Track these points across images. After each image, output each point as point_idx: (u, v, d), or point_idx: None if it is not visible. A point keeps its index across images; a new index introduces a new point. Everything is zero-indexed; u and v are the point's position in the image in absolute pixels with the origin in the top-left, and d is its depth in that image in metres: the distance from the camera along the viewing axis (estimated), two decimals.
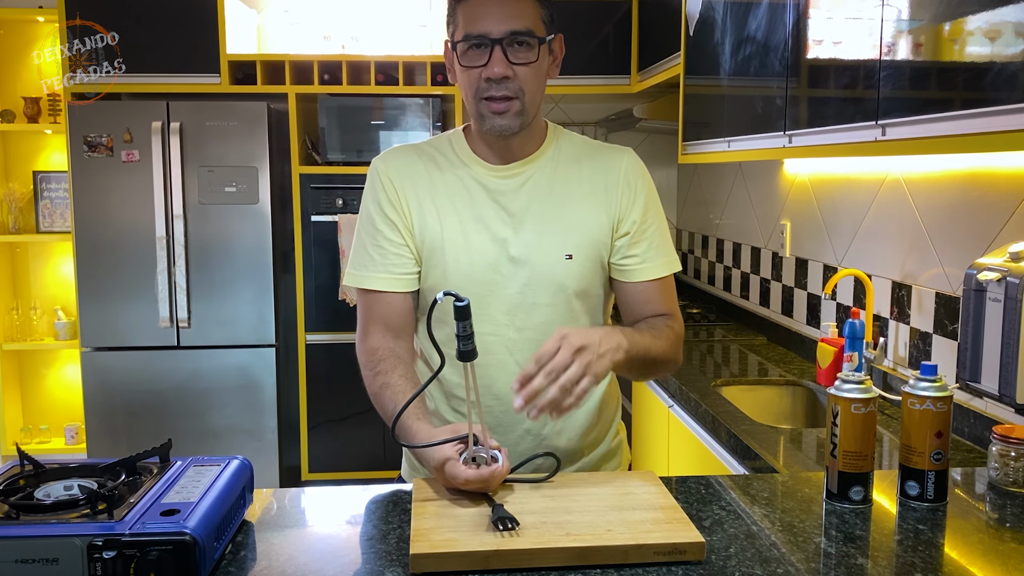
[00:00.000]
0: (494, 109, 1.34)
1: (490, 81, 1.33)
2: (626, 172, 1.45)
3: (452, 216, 1.41)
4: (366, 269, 1.43)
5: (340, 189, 3.80)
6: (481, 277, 1.40)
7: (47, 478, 1.08)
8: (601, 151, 1.48)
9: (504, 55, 1.32)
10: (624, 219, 1.44)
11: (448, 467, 1.18)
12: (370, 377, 1.41)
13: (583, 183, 1.44)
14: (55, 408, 4.26)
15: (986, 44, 1.36)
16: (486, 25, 1.31)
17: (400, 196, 1.42)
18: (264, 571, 1.02)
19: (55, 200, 4.13)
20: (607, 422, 1.53)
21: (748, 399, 2.38)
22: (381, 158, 1.47)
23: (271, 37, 4.13)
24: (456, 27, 1.35)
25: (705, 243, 3.82)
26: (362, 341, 1.45)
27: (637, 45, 3.80)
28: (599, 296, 1.48)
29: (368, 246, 1.44)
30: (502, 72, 1.32)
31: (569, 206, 1.42)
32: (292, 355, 3.98)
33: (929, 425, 1.22)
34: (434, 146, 1.48)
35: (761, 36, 2.27)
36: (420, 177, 1.43)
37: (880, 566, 1.05)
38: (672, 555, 1.03)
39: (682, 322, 1.49)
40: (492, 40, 1.31)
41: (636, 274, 1.45)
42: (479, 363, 1.38)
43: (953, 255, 1.93)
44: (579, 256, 1.41)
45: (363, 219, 1.46)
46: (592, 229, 1.42)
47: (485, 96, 1.34)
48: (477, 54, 1.33)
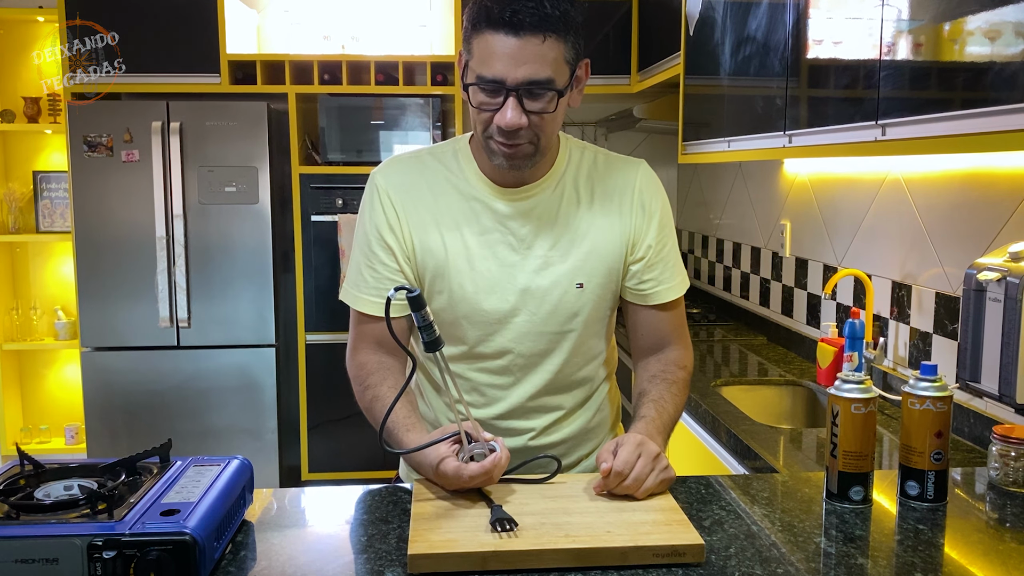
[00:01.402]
0: (504, 152, 1.27)
1: (500, 129, 1.24)
2: (640, 191, 1.39)
3: (457, 241, 1.35)
4: (359, 290, 1.38)
5: (340, 189, 3.80)
6: (487, 305, 1.35)
7: (47, 478, 1.08)
8: (614, 168, 1.41)
9: (520, 102, 1.22)
10: (639, 243, 1.39)
11: (447, 467, 1.16)
12: (360, 391, 1.39)
13: (595, 205, 1.38)
14: (55, 408, 4.26)
15: (986, 44, 1.36)
16: (501, 69, 1.20)
17: (401, 218, 1.35)
18: (264, 571, 1.02)
19: (55, 200, 4.13)
20: (607, 423, 1.53)
21: (748, 399, 2.37)
22: (382, 173, 1.39)
23: (271, 37, 4.13)
24: (470, 57, 1.25)
25: (705, 243, 3.82)
26: (352, 356, 1.42)
27: (637, 45, 3.80)
28: (607, 319, 1.44)
29: (363, 267, 1.38)
30: (516, 123, 1.22)
31: (580, 231, 1.36)
32: (292, 355, 3.98)
33: (929, 425, 1.22)
34: (438, 158, 1.39)
35: (761, 36, 2.27)
36: (423, 197, 1.36)
37: (880, 566, 1.05)
38: (671, 557, 1.03)
39: (691, 350, 1.47)
40: (507, 88, 1.21)
41: (653, 298, 1.41)
42: (486, 383, 1.39)
43: (953, 255, 1.93)
44: (590, 284, 1.37)
45: (359, 237, 1.39)
46: (605, 256, 1.37)
47: (496, 139, 1.26)
48: (488, 96, 1.24)
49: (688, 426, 2.28)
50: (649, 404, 1.35)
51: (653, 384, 1.39)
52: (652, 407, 1.34)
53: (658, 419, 1.32)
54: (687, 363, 1.45)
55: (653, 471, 1.18)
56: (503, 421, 1.41)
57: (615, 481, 1.17)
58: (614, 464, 1.17)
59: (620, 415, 1.59)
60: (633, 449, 1.18)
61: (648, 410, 1.34)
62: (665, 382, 1.39)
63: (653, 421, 1.31)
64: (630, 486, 1.17)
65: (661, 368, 1.42)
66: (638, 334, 1.45)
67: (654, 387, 1.39)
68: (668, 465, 1.21)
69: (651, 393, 1.37)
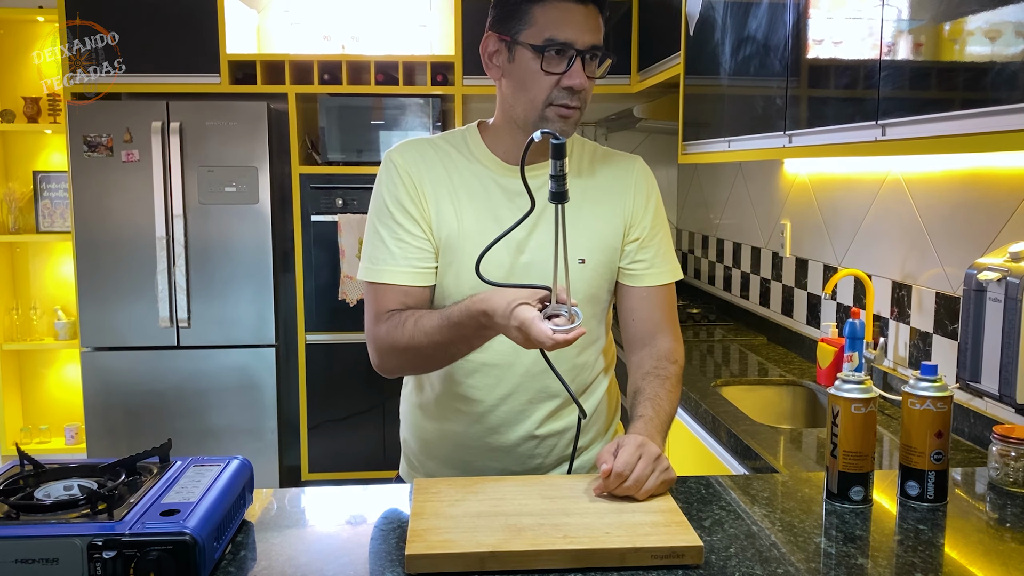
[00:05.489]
0: (563, 114, 1.33)
1: (567, 90, 1.31)
2: (638, 178, 1.47)
3: (471, 214, 1.39)
4: (385, 263, 1.38)
5: (340, 189, 3.80)
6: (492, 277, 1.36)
7: (47, 478, 1.08)
8: (613, 157, 1.49)
9: (582, 67, 1.31)
10: (636, 224, 1.45)
11: (527, 315, 1.16)
12: (397, 331, 1.34)
13: (598, 188, 1.44)
14: (55, 408, 4.26)
15: (986, 44, 1.36)
16: (573, 34, 1.29)
17: (419, 190, 1.39)
18: (264, 571, 1.02)
19: (55, 200, 4.13)
20: (607, 422, 1.53)
21: (748, 399, 2.37)
22: (397, 151, 1.43)
23: (271, 37, 4.13)
24: (525, 26, 1.31)
25: (705, 243, 3.82)
26: (376, 326, 1.38)
27: (637, 45, 3.80)
28: (606, 301, 1.48)
29: (387, 239, 1.38)
30: (583, 84, 1.31)
31: (584, 210, 1.41)
32: (292, 355, 3.98)
33: (929, 425, 1.22)
34: (448, 141, 1.44)
35: (761, 36, 2.26)
36: (437, 172, 1.40)
37: (880, 566, 1.05)
38: (670, 559, 1.03)
39: (682, 343, 1.50)
40: (577, 50, 1.29)
41: (643, 279, 1.45)
42: (486, 361, 1.39)
43: (953, 255, 1.92)
44: (592, 261, 1.41)
45: (379, 212, 1.40)
46: (605, 234, 1.43)
47: (558, 103, 1.32)
48: (556, 60, 1.30)
49: (688, 426, 2.28)
50: (646, 403, 1.36)
51: (647, 382, 1.41)
52: (649, 406, 1.35)
53: (656, 418, 1.33)
54: (678, 356, 1.47)
55: (654, 472, 1.19)
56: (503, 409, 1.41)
57: (615, 482, 1.17)
58: (615, 465, 1.17)
59: (619, 412, 1.59)
60: (634, 451, 1.19)
61: (646, 409, 1.35)
62: (659, 379, 1.41)
63: (651, 420, 1.32)
64: (631, 487, 1.17)
65: (654, 364, 1.43)
66: (630, 319, 1.47)
67: (649, 384, 1.40)
68: (669, 467, 1.22)
69: (647, 391, 1.39)
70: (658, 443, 1.28)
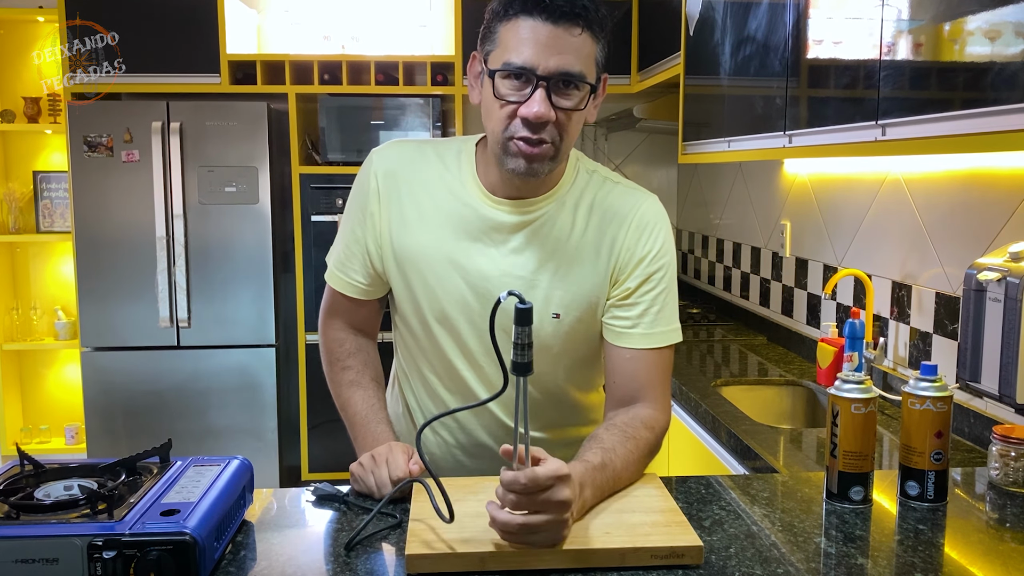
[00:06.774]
0: (524, 151, 1.16)
1: (526, 122, 1.15)
2: (638, 226, 1.29)
3: (434, 242, 1.27)
4: (333, 266, 1.38)
5: (340, 189, 3.80)
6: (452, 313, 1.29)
7: (47, 478, 1.08)
8: (618, 198, 1.31)
9: (548, 95, 1.14)
10: (621, 277, 1.28)
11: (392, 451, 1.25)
12: (336, 368, 1.42)
13: (588, 233, 1.28)
14: (55, 408, 4.26)
15: (986, 44, 1.36)
16: (534, 57, 1.12)
17: (383, 204, 1.31)
18: (264, 571, 1.02)
19: (55, 200, 4.13)
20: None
21: (748, 399, 2.37)
22: (380, 154, 1.35)
23: (271, 37, 4.13)
24: (494, 47, 1.17)
25: (705, 243, 3.82)
26: (326, 326, 1.43)
27: (637, 45, 3.80)
28: (588, 359, 1.35)
29: (341, 243, 1.38)
30: (543, 114, 1.13)
31: (567, 259, 1.27)
32: (292, 355, 3.98)
33: (929, 425, 1.22)
34: (440, 155, 1.32)
35: (761, 36, 2.27)
36: (413, 190, 1.30)
37: (880, 566, 1.05)
38: (669, 559, 1.03)
39: (668, 413, 1.31)
40: (537, 76, 1.13)
41: (624, 339, 1.28)
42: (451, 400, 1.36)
43: (953, 255, 1.92)
44: (568, 316, 1.28)
45: (347, 211, 1.38)
46: (588, 288, 1.28)
47: (517, 136, 1.16)
48: (515, 86, 1.15)
49: (688, 426, 2.28)
50: (597, 450, 1.16)
51: (609, 432, 1.21)
52: (599, 454, 1.15)
53: (599, 472, 1.12)
54: (656, 425, 1.26)
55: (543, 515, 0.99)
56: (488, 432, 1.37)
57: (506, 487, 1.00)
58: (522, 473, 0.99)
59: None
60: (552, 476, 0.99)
61: (594, 456, 1.14)
62: (623, 435, 1.21)
63: (593, 469, 1.12)
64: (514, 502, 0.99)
65: (624, 420, 1.24)
66: (611, 380, 1.30)
67: (609, 435, 1.20)
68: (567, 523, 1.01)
69: (604, 440, 1.19)
70: (585, 495, 1.08)
